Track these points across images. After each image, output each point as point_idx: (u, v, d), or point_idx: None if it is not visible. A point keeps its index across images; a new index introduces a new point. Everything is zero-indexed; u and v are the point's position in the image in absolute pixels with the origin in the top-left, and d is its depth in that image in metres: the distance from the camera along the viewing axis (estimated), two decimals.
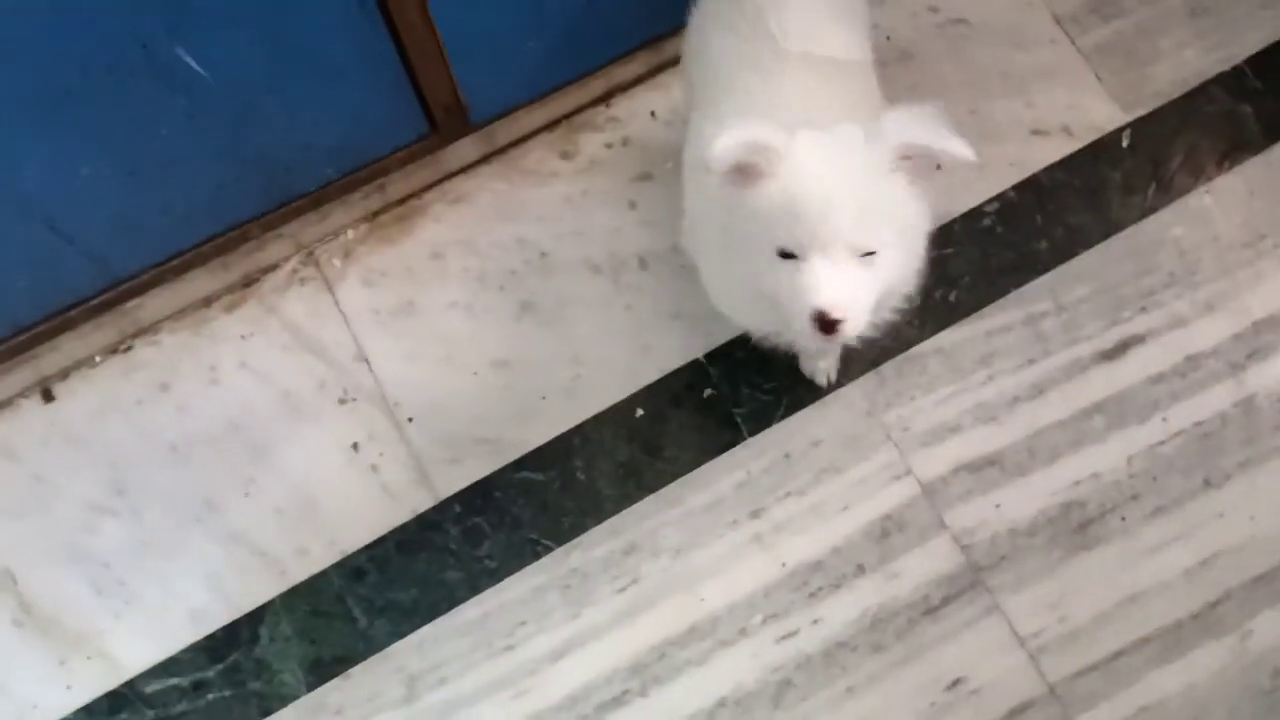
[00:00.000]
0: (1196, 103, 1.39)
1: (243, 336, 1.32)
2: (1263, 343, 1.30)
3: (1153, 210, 1.35)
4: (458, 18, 1.07)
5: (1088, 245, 1.34)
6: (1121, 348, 1.30)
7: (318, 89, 1.09)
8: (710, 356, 1.31)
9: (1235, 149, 1.37)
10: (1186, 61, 1.40)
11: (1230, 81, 1.39)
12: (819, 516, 1.25)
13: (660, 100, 1.39)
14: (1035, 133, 1.38)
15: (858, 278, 0.85)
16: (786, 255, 0.85)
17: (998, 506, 1.25)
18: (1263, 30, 1.41)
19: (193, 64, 1.00)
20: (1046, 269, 1.33)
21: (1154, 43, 1.41)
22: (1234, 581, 1.22)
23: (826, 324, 0.84)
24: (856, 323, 0.85)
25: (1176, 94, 1.38)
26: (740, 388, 1.30)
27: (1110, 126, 1.38)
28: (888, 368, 1.30)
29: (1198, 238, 1.34)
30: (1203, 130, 1.38)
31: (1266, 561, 1.23)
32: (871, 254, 0.85)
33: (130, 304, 1.26)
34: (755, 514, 1.25)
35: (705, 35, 1.08)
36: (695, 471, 1.27)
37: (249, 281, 1.33)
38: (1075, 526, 1.24)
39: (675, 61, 1.39)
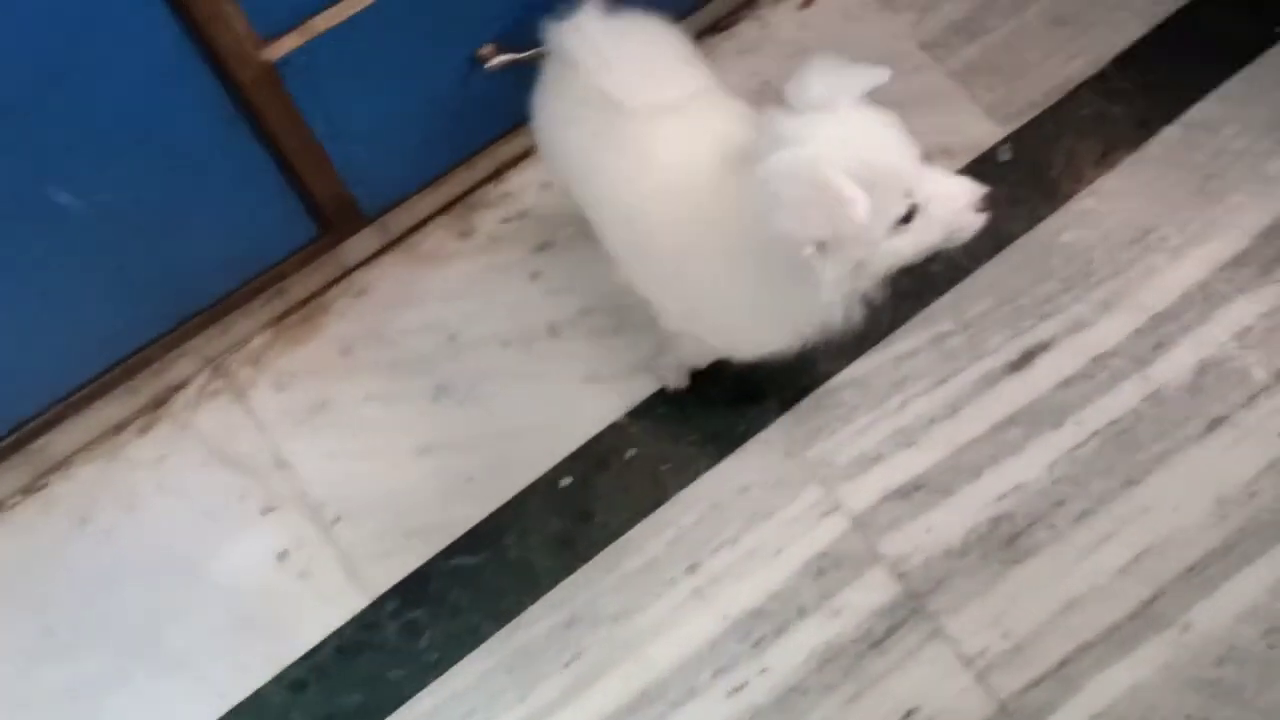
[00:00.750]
0: (1068, 109, 1.41)
1: (158, 459, 1.29)
2: (1163, 335, 1.31)
3: (1040, 218, 1.36)
4: (331, 119, 1.06)
5: (983, 260, 1.35)
6: (1028, 357, 1.31)
7: (200, 208, 1.07)
8: (630, 415, 1.30)
9: (1111, 149, 1.39)
10: (1053, 70, 1.42)
11: (1098, 84, 1.42)
12: (754, 563, 1.24)
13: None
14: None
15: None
16: (905, 219, 0.88)
17: (928, 530, 1.25)
18: (1122, 32, 1.44)
19: (66, 202, 0.98)
20: (946, 289, 1.34)
21: (1020, 56, 1.43)
22: (1167, 575, 1.22)
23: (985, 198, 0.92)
24: None
25: (1048, 103, 1.40)
26: (663, 443, 1.29)
27: (989, 142, 1.40)
28: (804, 405, 1.30)
29: (1087, 240, 1.35)
30: (1078, 134, 1.40)
31: (1195, 551, 1.23)
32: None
33: (39, 442, 1.22)
34: (692, 569, 1.24)
35: (553, 136, 1.06)
36: (628, 534, 1.26)
37: (159, 402, 1.30)
38: (1006, 540, 1.24)
39: None
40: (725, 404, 1.30)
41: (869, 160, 0.85)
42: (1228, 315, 1.32)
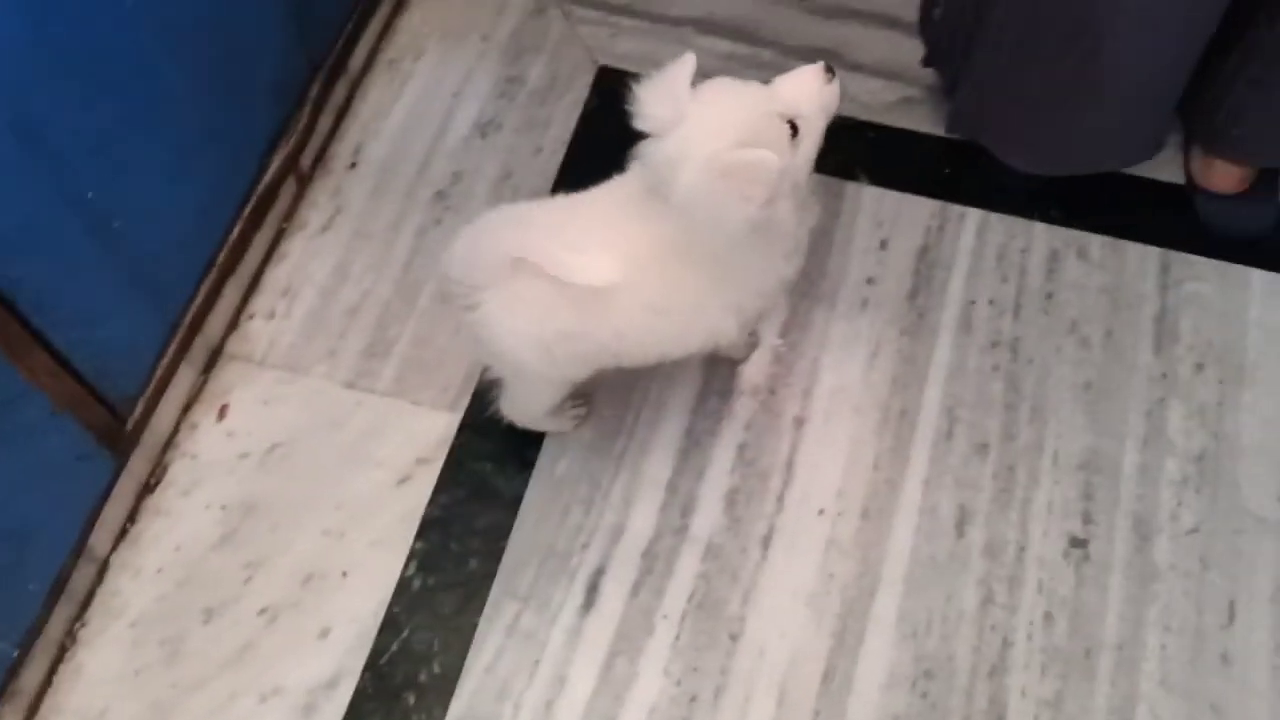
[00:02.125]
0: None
1: None
2: (684, 496, 1.40)
3: (531, 463, 1.43)
4: None
5: (508, 532, 1.39)
6: (593, 590, 1.35)
7: None
8: None
9: None
10: (466, 350, 1.50)
11: None
12: None
13: None
14: (401, 481, 1.43)
15: None
16: (794, 133, 1.07)
17: None
18: None
19: None
20: (490, 577, 1.36)
21: (432, 344, 1.51)
22: (810, 699, 1.28)
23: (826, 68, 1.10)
24: None
25: (478, 369, 1.49)
26: None
27: (451, 429, 1.46)
28: None
29: (578, 459, 1.43)
30: None
31: (820, 661, 1.30)
32: None
33: None
34: None
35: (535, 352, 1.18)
36: None
37: None
38: None
39: None
40: None
41: (739, 121, 1.02)
42: (724, 445, 1.44)
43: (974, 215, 1.57)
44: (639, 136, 1.07)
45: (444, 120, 1.65)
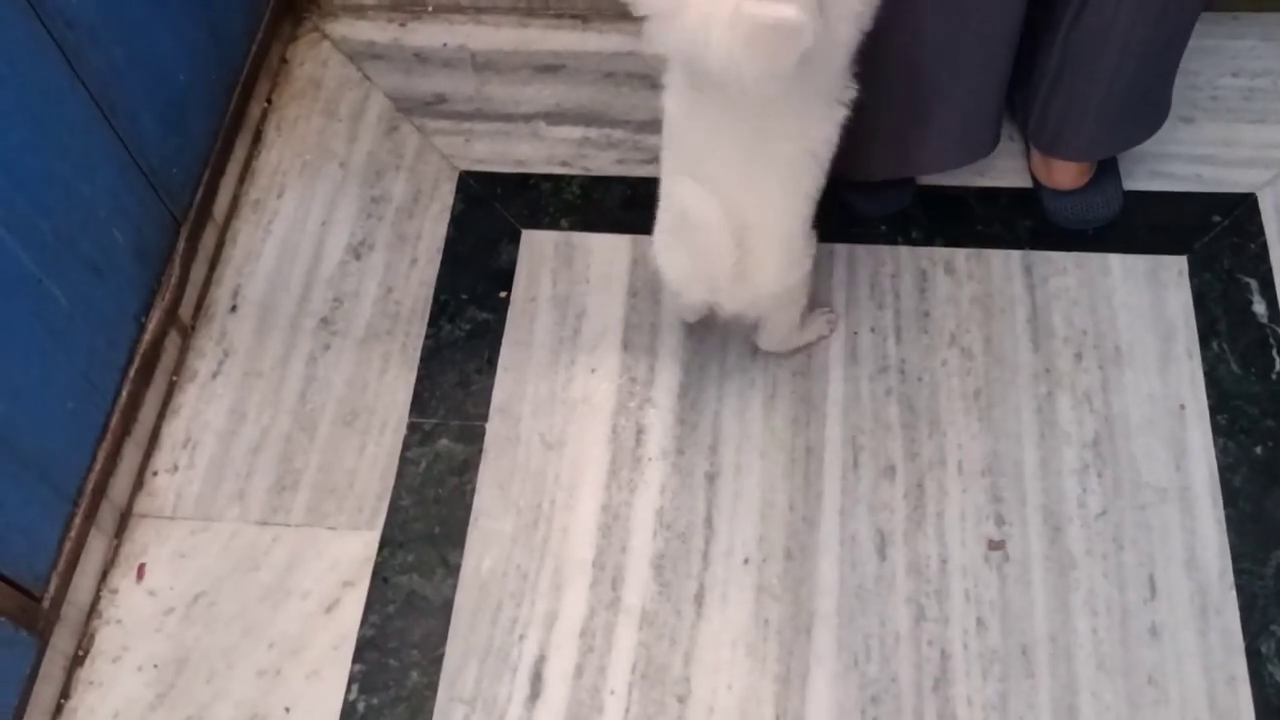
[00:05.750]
0: (406, 475, 1.60)
1: None
2: (610, 573, 1.50)
3: (455, 566, 1.52)
4: None
5: (443, 639, 1.47)
6: (536, 679, 1.44)
7: None
8: None
9: (460, 470, 1.60)
10: (370, 460, 1.61)
11: (411, 437, 1.63)
12: None
13: None
14: (330, 608, 1.51)
15: None
16: None
17: None
18: (399, 394, 1.67)
19: None
20: (433, 686, 1.44)
21: (340, 467, 1.60)
22: None
23: None
24: None
25: (388, 483, 1.59)
26: None
27: (371, 547, 1.53)
28: None
29: (501, 554, 1.53)
30: (426, 486, 1.59)
31: (769, 707, 1.40)
32: None
33: None
34: None
35: None
36: None
37: None
38: None
39: None
40: None
41: None
42: (641, 513, 1.54)
43: (841, 250, 1.71)
44: (510, 232, 1.15)
45: (316, 249, 1.77)
